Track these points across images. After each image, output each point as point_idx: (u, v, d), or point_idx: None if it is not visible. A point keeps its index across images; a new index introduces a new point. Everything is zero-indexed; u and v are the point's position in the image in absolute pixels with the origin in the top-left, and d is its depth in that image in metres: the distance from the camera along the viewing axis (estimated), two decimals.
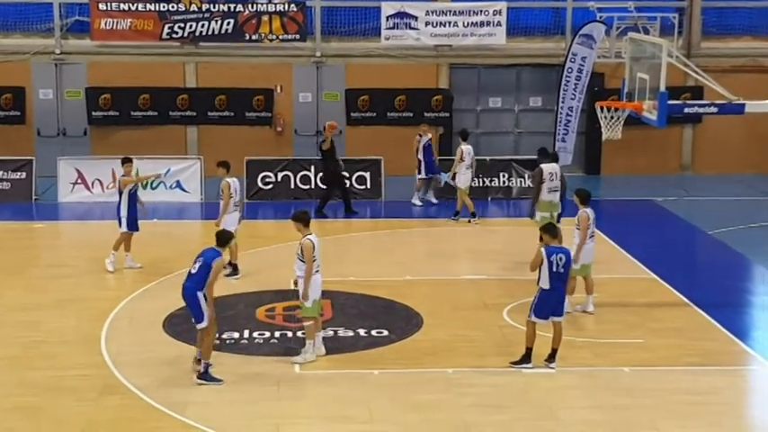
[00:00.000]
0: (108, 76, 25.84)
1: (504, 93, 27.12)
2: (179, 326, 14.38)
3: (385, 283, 16.69)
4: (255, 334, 14.17)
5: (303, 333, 13.35)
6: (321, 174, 23.25)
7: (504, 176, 24.26)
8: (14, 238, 20.41)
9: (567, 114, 24.57)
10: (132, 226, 17.47)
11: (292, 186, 24.15)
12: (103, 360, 13.07)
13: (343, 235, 20.72)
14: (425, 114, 26.43)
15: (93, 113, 25.96)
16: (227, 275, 16.83)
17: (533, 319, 12.82)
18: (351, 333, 14.30)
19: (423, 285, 16.73)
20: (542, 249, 12.85)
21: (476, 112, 27.18)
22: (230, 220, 16.99)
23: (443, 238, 20.59)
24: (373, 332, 14.35)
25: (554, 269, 12.68)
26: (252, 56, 26.04)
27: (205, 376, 12.30)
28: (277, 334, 14.20)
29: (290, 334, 14.18)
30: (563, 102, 24.42)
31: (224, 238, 12.71)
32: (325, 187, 22.86)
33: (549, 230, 13.05)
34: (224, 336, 14.04)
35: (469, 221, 21.29)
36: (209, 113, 26.27)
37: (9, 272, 17.47)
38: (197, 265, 12.32)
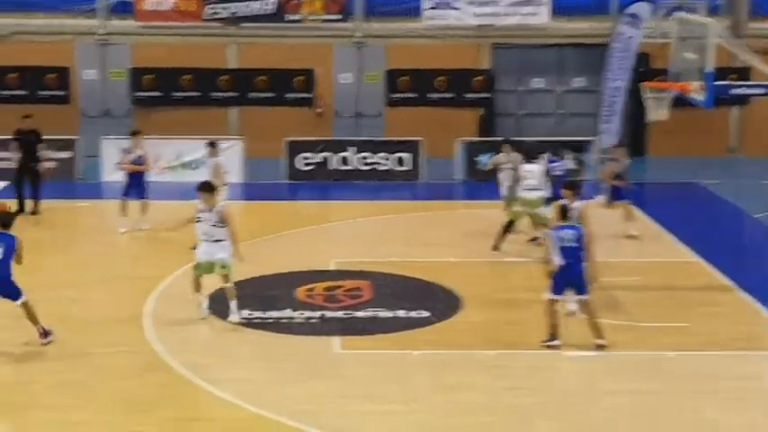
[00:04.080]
0: (151, 56, 25.96)
1: (546, 73, 26.90)
2: (221, 304, 14.41)
3: (425, 265, 16.63)
4: (296, 314, 14.18)
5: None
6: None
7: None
8: (59, 216, 20.60)
9: (612, 95, 24.31)
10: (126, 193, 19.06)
11: (332, 167, 24.17)
12: (146, 337, 13.15)
13: (382, 216, 20.68)
14: (466, 95, 26.32)
15: (137, 94, 26.12)
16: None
17: (551, 296, 12.83)
18: (390, 314, 14.27)
19: (462, 267, 16.65)
20: (548, 232, 13.17)
21: (517, 92, 26.99)
22: None
23: (483, 219, 20.41)
24: (413, 313, 14.30)
25: (564, 245, 12.75)
26: (293, 36, 26.03)
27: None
28: (317, 314, 14.20)
29: (329, 314, 14.19)
30: (608, 82, 24.15)
31: (4, 220, 12.92)
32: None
33: (560, 211, 13.33)
34: (264, 315, 14.10)
35: None
36: (250, 94, 26.34)
37: (53, 250, 17.65)
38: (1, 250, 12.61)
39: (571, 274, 12.78)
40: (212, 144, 18.35)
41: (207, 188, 13.85)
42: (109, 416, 10.76)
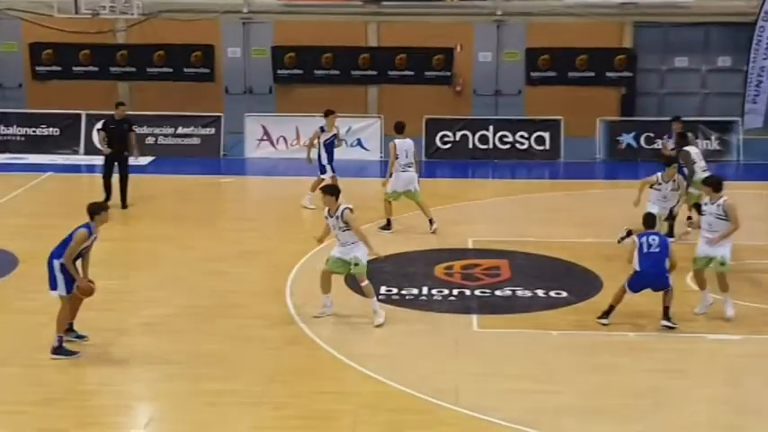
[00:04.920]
0: (293, 35, 26.36)
1: (690, 52, 26.21)
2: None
3: (564, 245, 16.51)
4: (434, 291, 14.29)
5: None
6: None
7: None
8: (203, 191, 21.26)
9: (759, 75, 23.56)
10: (322, 171, 18.78)
11: (470, 146, 24.18)
12: (289, 311, 13.45)
13: (520, 195, 20.59)
14: (607, 74, 25.90)
15: (279, 72, 26.59)
16: (381, 228, 17.07)
17: (627, 289, 12.89)
18: (529, 293, 14.23)
19: (602, 248, 16.43)
20: (634, 237, 13.09)
21: (660, 71, 26.40)
22: (397, 181, 17.33)
23: (623, 200, 20.07)
24: (552, 293, 14.23)
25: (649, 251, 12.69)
26: (433, 15, 26.03)
27: (58, 350, 11.71)
28: (455, 291, 14.27)
29: (468, 292, 14.24)
30: (754, 62, 23.44)
31: (90, 209, 11.89)
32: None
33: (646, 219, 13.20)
34: (403, 291, 14.25)
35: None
36: (390, 73, 26.48)
37: (198, 223, 18.20)
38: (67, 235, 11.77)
39: (649, 279, 12.72)
40: (399, 125, 18.00)
41: (329, 191, 13.08)
42: (252, 386, 11.05)
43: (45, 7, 25.49)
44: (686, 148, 17.31)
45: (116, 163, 19.08)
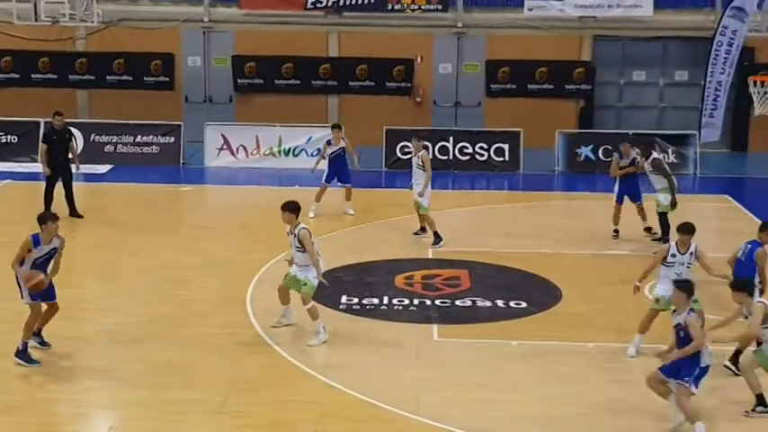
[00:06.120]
0: (254, 44, 26.41)
1: (648, 66, 26.61)
2: (322, 289, 14.55)
3: (523, 255, 16.66)
4: (395, 301, 14.35)
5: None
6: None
7: None
8: (164, 200, 21.17)
9: (716, 89, 23.91)
10: (327, 179, 19.08)
11: (430, 157, 24.21)
12: (250, 321, 13.44)
13: (480, 207, 20.75)
14: (566, 87, 26.20)
15: (239, 81, 26.59)
16: (434, 244, 17.02)
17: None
18: (489, 303, 14.33)
19: (561, 259, 16.64)
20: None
21: (619, 85, 26.75)
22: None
23: (582, 211, 20.39)
24: (511, 303, 14.35)
25: None
26: (393, 26, 26.21)
27: (21, 355, 11.68)
28: (416, 301, 14.35)
29: (428, 302, 14.32)
30: (711, 76, 23.78)
31: (37, 218, 11.79)
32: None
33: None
34: (364, 301, 14.31)
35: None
36: (350, 83, 26.60)
37: (160, 232, 18.14)
38: None
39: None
40: (418, 136, 18.10)
41: (287, 207, 12.51)
42: (213, 395, 11.03)
43: (4, 14, 25.31)
44: (655, 156, 17.30)
45: (60, 175, 18.51)
